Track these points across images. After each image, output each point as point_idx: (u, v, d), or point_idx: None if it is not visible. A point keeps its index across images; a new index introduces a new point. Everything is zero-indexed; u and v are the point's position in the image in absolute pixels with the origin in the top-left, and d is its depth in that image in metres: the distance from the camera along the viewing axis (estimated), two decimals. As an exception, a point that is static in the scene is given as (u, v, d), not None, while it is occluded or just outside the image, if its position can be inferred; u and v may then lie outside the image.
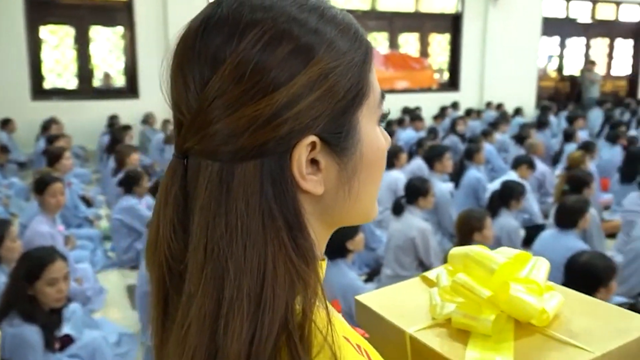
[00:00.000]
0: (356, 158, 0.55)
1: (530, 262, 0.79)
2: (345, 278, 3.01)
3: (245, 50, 0.49)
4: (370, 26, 11.47)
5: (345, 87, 0.53)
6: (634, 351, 0.72)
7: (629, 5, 13.43)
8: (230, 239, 0.49)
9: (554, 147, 7.83)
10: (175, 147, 0.55)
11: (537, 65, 12.46)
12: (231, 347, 0.47)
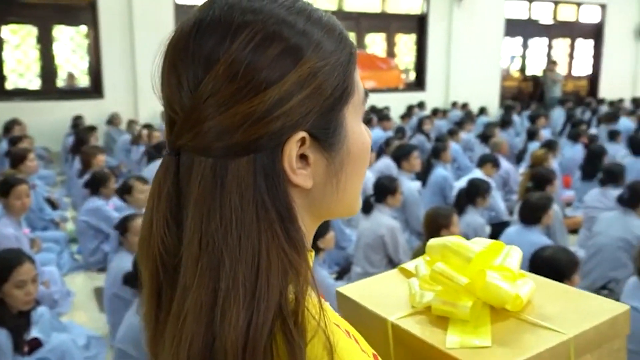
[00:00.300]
0: (343, 153, 0.58)
1: (504, 251, 0.83)
2: (317, 276, 3.03)
3: (238, 51, 0.51)
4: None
5: (333, 85, 0.55)
6: (604, 332, 0.77)
7: (589, 6, 13.80)
8: (225, 231, 0.51)
9: (518, 146, 8.00)
10: (168, 144, 0.56)
11: (500, 65, 12.69)
12: (228, 334, 0.49)
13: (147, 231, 0.57)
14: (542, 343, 0.72)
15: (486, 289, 0.76)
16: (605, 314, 0.78)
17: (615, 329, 0.79)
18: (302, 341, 0.50)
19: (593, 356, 0.77)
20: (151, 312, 0.58)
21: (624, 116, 9.75)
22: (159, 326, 0.57)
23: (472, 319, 0.75)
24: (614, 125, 8.60)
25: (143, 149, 6.75)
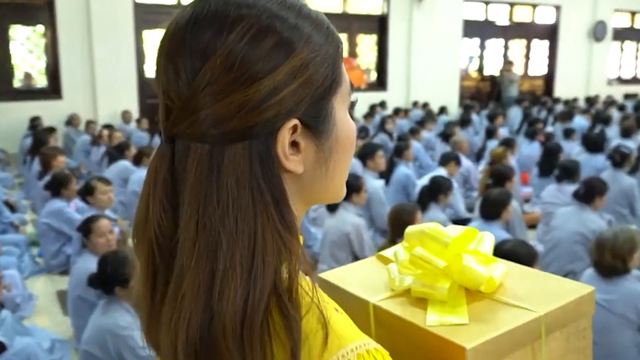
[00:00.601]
0: (332, 140, 0.61)
1: (478, 236, 0.88)
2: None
3: (234, 43, 0.54)
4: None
5: (323, 76, 0.59)
6: (571, 311, 0.83)
7: (544, 8, 14.18)
8: (222, 213, 0.54)
9: (477, 144, 8.18)
10: (163, 132, 0.59)
11: (459, 65, 12.93)
12: (227, 310, 0.52)
13: (143, 216, 0.59)
14: (516, 320, 0.77)
15: (462, 271, 0.81)
16: (573, 294, 0.84)
17: (582, 308, 0.85)
18: (298, 316, 0.53)
19: (562, 334, 0.83)
20: (146, 294, 0.60)
21: (578, 115, 10.07)
22: (155, 308, 0.59)
23: (449, 300, 0.80)
24: (569, 124, 8.88)
25: (104, 150, 6.65)
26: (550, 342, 0.81)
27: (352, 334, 0.56)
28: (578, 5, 14.19)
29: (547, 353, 0.80)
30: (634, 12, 15.83)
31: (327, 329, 0.54)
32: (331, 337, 0.54)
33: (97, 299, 3.02)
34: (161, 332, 0.57)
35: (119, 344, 2.69)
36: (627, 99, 13.81)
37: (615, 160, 5.30)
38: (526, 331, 0.77)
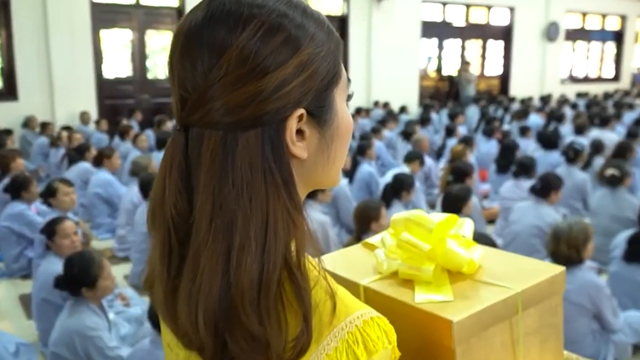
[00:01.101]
0: (333, 128, 0.67)
1: (458, 222, 0.95)
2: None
3: (247, 39, 0.59)
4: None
5: (326, 70, 0.64)
6: (545, 289, 0.91)
7: (498, 9, 14.54)
8: (237, 194, 0.59)
9: (437, 142, 8.36)
10: (178, 120, 0.63)
11: (418, 65, 13.14)
12: (244, 280, 0.57)
13: (160, 199, 0.64)
14: (495, 297, 0.84)
15: (445, 254, 0.88)
16: (546, 273, 0.92)
17: (554, 286, 0.93)
18: (307, 286, 0.59)
19: (536, 310, 0.90)
20: (163, 271, 0.64)
21: (533, 113, 10.39)
22: (170, 283, 0.63)
23: (434, 280, 0.87)
24: (524, 122, 9.16)
25: (63, 152, 6.53)
26: (526, 318, 0.88)
27: (357, 304, 0.63)
28: (531, 7, 14.60)
29: (524, 327, 0.88)
30: (585, 13, 16.39)
31: (334, 299, 0.60)
32: (339, 306, 0.60)
33: (63, 301, 3.00)
34: (179, 305, 0.61)
35: (87, 345, 2.68)
36: (579, 98, 14.29)
37: (569, 157, 5.51)
38: (505, 307, 0.84)
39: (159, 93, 10.14)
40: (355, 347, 0.59)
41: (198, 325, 0.58)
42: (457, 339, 0.78)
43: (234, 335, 0.57)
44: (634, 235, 3.58)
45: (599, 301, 3.00)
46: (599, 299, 3.01)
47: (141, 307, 3.69)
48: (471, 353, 0.81)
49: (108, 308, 3.14)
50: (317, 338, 0.59)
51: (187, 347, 0.64)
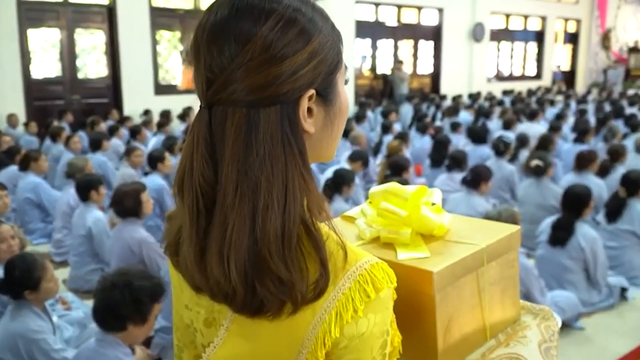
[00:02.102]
0: (335, 108, 0.77)
1: (429, 191, 1.07)
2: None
3: (268, 30, 0.68)
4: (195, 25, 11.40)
5: (331, 57, 0.74)
6: (504, 245, 1.04)
7: (428, 10, 15.01)
8: (261, 161, 0.68)
9: (374, 139, 8.57)
10: (203, 99, 0.72)
11: (353, 65, 13.39)
12: (270, 235, 0.67)
13: (188, 169, 0.72)
14: (465, 252, 0.97)
15: (420, 219, 1.00)
16: (505, 231, 1.06)
17: (511, 242, 1.07)
18: (321, 238, 0.70)
19: (497, 263, 1.04)
20: (192, 233, 0.72)
21: (463, 110, 10.81)
22: (200, 244, 0.72)
23: (411, 242, 0.98)
24: (455, 118, 9.52)
25: (-9, 155, 6.28)
26: (489, 270, 1.02)
27: (363, 252, 0.74)
28: (458, 8, 15.16)
29: (487, 278, 1.02)
30: (508, 14, 17.16)
31: (345, 248, 0.72)
32: (349, 254, 0.72)
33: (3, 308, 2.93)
34: (210, 260, 0.70)
35: (32, 348, 2.64)
36: (505, 95, 14.96)
37: (497, 150, 5.81)
38: (473, 260, 0.98)
39: (90, 93, 9.89)
40: (365, 286, 0.70)
41: (230, 275, 0.68)
42: (437, 287, 0.91)
43: (263, 280, 0.67)
44: (557, 221, 3.85)
45: (527, 282, 3.23)
46: (528, 280, 3.23)
47: (83, 310, 3.64)
48: (447, 299, 0.94)
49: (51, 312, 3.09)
50: (333, 280, 0.70)
51: (213, 298, 0.74)
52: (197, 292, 0.78)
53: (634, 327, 3.56)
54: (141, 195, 3.79)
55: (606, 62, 20.30)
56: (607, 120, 8.27)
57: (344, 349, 0.70)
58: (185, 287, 0.81)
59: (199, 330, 0.82)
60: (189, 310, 0.83)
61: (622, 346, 3.29)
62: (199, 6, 11.31)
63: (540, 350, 1.02)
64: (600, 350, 3.28)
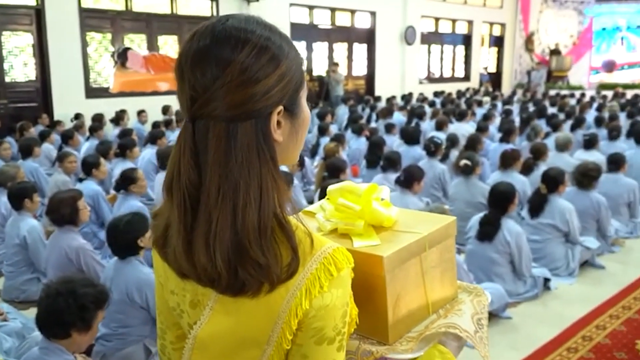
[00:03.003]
0: (300, 120, 0.90)
1: (378, 189, 1.22)
2: (141, 273, 3.12)
3: (244, 57, 0.81)
4: (127, 27, 11.22)
5: (296, 78, 0.87)
6: (443, 233, 1.21)
7: (361, 13, 15.33)
8: (239, 167, 0.81)
9: (311, 141, 8.69)
10: (187, 114, 0.83)
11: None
12: (249, 228, 0.80)
13: (176, 173, 0.84)
14: (410, 239, 1.13)
15: (372, 212, 1.15)
16: (443, 222, 1.22)
17: (448, 231, 1.24)
18: (291, 230, 0.84)
19: (437, 249, 1.20)
20: (180, 227, 0.84)
21: (396, 111, 11.11)
22: (187, 236, 0.84)
23: (364, 233, 1.14)
24: (389, 119, 9.79)
25: None
26: (431, 254, 1.18)
27: (326, 239, 0.89)
28: (390, 12, 15.56)
29: (429, 262, 1.18)
30: (437, 18, 17.75)
31: (311, 237, 0.86)
32: (315, 241, 0.86)
33: None
34: (196, 250, 0.82)
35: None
36: (436, 96, 15.47)
37: (429, 150, 6.06)
38: (417, 246, 1.14)
39: (18, 97, 9.54)
40: (329, 267, 0.85)
41: (216, 262, 0.81)
42: (386, 269, 1.06)
43: (245, 265, 0.81)
44: (484, 217, 4.08)
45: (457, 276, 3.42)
46: (458, 274, 3.42)
47: (20, 321, 3.57)
48: (395, 280, 1.09)
49: (-13, 323, 3.02)
50: (302, 263, 0.84)
51: (200, 283, 0.86)
52: (183, 278, 0.90)
53: (557, 315, 3.82)
54: (77, 202, 3.75)
55: (530, 64, 21.34)
56: (530, 120, 8.72)
57: (313, 317, 0.85)
58: (171, 275, 0.93)
59: (186, 311, 0.94)
60: (175, 295, 0.95)
61: (546, 333, 3.53)
62: (131, 7, 11.11)
63: (473, 320, 1.18)
64: (527, 338, 3.50)
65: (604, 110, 11.01)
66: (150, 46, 11.55)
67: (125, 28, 11.20)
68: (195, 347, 0.93)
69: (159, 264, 0.97)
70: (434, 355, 1.11)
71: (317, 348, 0.86)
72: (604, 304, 3.94)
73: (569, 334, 3.52)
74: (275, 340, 0.86)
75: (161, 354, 1.09)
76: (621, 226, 5.30)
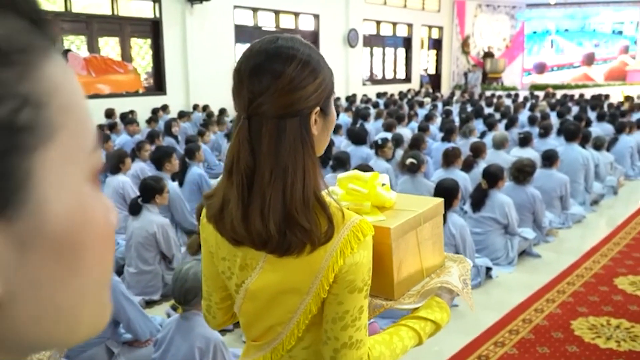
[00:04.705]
0: (330, 118, 1.12)
1: (380, 176, 1.43)
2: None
3: (292, 69, 1.02)
4: (66, 29, 10.98)
5: (329, 86, 1.09)
6: (433, 211, 1.45)
7: (305, 16, 15.52)
8: (287, 154, 1.02)
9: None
10: (245, 112, 1.03)
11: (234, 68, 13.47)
12: (296, 201, 1.02)
13: (236, 159, 1.04)
14: (409, 215, 1.36)
15: (376, 195, 1.38)
16: (432, 202, 1.46)
17: (438, 209, 1.48)
18: (328, 209, 1.06)
19: (429, 224, 1.43)
20: (238, 203, 1.04)
21: (342, 112, 11.35)
22: (242, 210, 1.04)
23: (371, 211, 1.35)
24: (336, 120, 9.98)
25: None
26: (424, 229, 1.42)
27: (353, 213, 1.11)
28: (333, 15, 15.82)
29: (423, 234, 1.41)
30: (379, 22, 18.17)
31: (342, 211, 1.08)
32: (345, 214, 1.08)
33: None
34: (252, 219, 1.03)
35: None
36: (379, 97, 15.84)
37: (376, 150, 6.28)
38: (415, 221, 1.37)
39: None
40: (357, 233, 1.07)
41: (269, 227, 1.01)
42: (393, 238, 1.28)
43: (292, 229, 1.02)
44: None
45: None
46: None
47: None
48: (398, 248, 1.31)
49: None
50: (336, 230, 1.05)
51: (254, 247, 1.07)
52: (236, 245, 1.11)
53: (498, 302, 4.09)
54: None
55: (466, 66, 22.12)
56: (469, 120, 9.13)
57: (346, 272, 1.07)
58: (223, 244, 1.15)
59: (235, 273, 1.16)
60: (226, 261, 1.18)
61: (489, 318, 3.78)
62: (70, 8, 10.89)
63: (460, 280, 1.43)
64: (473, 323, 3.73)
65: (536, 109, 11.60)
66: (91, 48, 11.33)
67: (65, 29, 10.96)
68: (246, 298, 1.15)
69: (211, 236, 1.18)
70: (432, 304, 1.35)
71: (350, 296, 1.08)
72: (541, 290, 4.26)
73: (511, 318, 3.79)
74: (314, 290, 1.08)
75: (206, 313, 1.33)
76: (554, 218, 5.69)
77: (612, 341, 3.43)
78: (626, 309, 3.89)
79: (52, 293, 0.34)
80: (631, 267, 4.67)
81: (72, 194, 0.34)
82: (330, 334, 1.10)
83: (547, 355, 3.31)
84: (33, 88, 0.32)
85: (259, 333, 1.19)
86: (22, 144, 0.31)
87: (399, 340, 1.23)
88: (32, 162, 0.32)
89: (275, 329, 1.15)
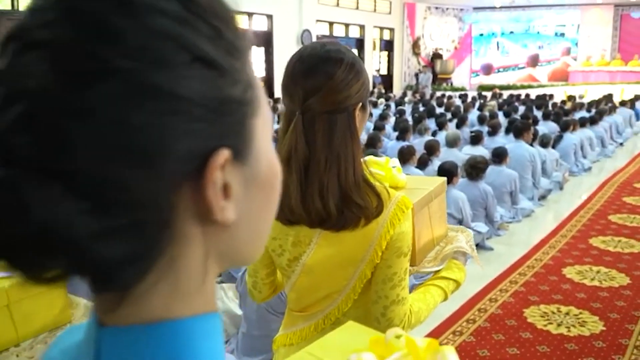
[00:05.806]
0: (367, 113, 1.25)
1: (391, 161, 1.62)
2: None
3: (341, 71, 1.15)
4: (12, 27, 10.64)
5: (368, 86, 1.23)
6: (438, 189, 1.67)
7: (258, 16, 15.51)
8: (338, 144, 1.16)
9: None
10: (300, 108, 1.15)
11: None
12: (350, 183, 1.16)
13: (294, 150, 1.15)
14: (423, 193, 1.57)
15: (392, 177, 1.58)
16: (438, 182, 1.69)
17: (442, 187, 1.72)
18: (374, 184, 1.21)
19: (436, 201, 1.64)
20: (298, 187, 1.17)
21: (297, 112, 11.39)
22: (302, 193, 1.17)
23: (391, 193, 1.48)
24: (291, 121, 10.03)
25: None
26: (434, 204, 1.64)
27: (395, 191, 1.27)
28: (287, 15, 15.87)
29: (433, 209, 1.62)
30: (332, 23, 18.34)
31: (387, 189, 1.25)
32: (390, 192, 1.24)
33: None
34: (311, 200, 1.16)
35: None
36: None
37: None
38: (427, 197, 1.59)
39: None
40: (401, 206, 1.23)
41: (329, 206, 1.16)
42: (415, 211, 1.40)
43: (349, 207, 1.17)
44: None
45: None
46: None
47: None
48: (418, 220, 1.48)
49: None
50: (385, 205, 1.20)
51: (310, 225, 1.21)
52: (289, 224, 1.24)
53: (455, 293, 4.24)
54: None
55: (417, 67, 22.57)
56: (422, 119, 9.36)
57: (395, 240, 1.23)
58: (275, 225, 1.24)
59: (287, 250, 1.29)
60: (276, 240, 1.30)
61: (447, 308, 3.84)
62: (17, 7, 10.58)
63: (467, 245, 1.63)
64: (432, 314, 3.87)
65: (485, 109, 11.97)
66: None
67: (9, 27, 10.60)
68: (303, 272, 1.29)
69: None
70: (451, 266, 1.55)
71: (397, 260, 1.25)
72: (495, 280, 4.45)
73: (467, 308, 3.95)
74: (368, 257, 1.23)
75: (252, 289, 1.46)
76: (505, 212, 5.91)
77: (562, 327, 3.63)
78: (574, 296, 4.11)
79: (257, 221, 0.46)
80: (577, 258, 4.92)
81: (270, 149, 0.46)
82: (380, 293, 1.26)
83: (502, 341, 3.47)
84: (249, 74, 0.43)
85: (311, 302, 1.33)
86: (249, 112, 0.43)
87: (431, 297, 1.43)
88: (254, 125, 0.43)
89: (332, 296, 1.29)
